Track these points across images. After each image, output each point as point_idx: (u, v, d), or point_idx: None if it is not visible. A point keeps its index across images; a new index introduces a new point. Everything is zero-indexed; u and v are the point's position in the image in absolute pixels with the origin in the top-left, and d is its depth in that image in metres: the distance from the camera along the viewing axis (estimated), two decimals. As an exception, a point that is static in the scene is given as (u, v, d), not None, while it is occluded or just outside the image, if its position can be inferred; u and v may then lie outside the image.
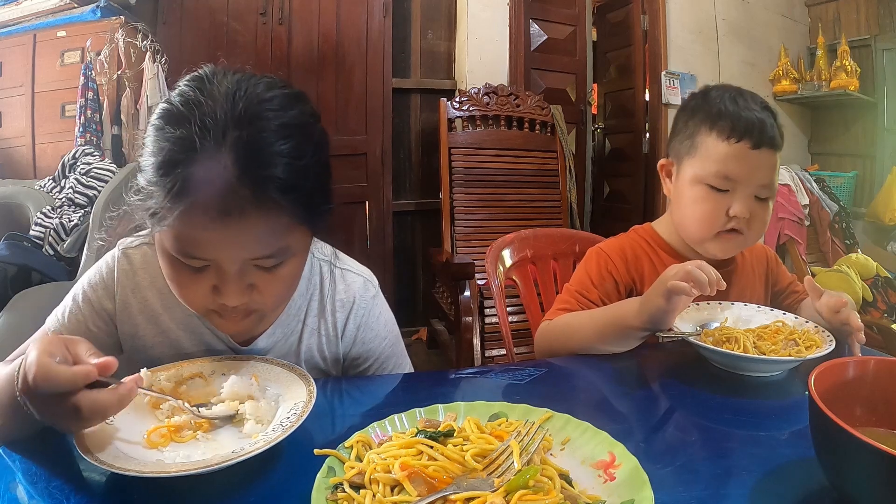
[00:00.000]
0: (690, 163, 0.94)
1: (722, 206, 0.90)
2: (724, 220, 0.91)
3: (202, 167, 0.55)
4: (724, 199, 0.90)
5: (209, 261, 0.60)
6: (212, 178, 0.55)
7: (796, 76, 3.23)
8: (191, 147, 0.55)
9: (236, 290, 0.61)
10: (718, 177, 0.89)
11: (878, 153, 3.08)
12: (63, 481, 0.52)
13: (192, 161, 0.55)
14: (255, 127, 0.57)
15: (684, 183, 0.95)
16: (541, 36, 3.01)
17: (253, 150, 0.56)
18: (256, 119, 0.57)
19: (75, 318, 0.73)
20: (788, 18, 3.36)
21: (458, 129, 2.61)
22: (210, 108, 0.57)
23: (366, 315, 0.81)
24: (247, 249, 0.60)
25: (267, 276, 0.63)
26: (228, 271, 0.60)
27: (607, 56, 3.57)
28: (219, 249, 0.59)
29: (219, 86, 0.59)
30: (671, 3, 3.06)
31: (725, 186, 0.90)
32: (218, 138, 0.55)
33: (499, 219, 2.57)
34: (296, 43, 2.55)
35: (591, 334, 0.85)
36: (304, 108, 0.64)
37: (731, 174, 0.89)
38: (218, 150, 0.55)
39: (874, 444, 0.41)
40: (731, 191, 0.90)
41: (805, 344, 0.78)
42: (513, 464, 0.47)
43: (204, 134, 0.55)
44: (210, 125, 0.56)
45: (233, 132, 0.56)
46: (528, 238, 1.29)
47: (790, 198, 2.83)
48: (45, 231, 1.87)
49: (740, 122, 0.88)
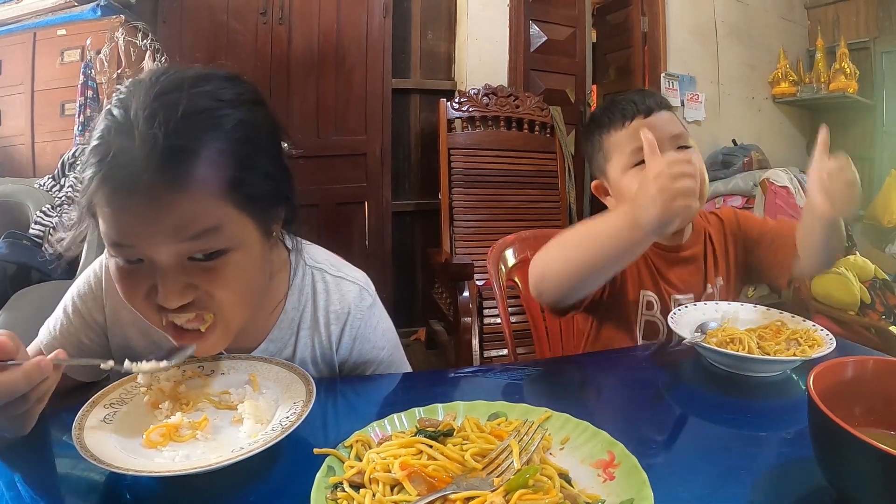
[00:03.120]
0: (611, 165, 1.02)
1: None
2: None
3: (119, 145, 0.54)
4: None
5: (138, 251, 0.56)
6: (126, 153, 0.53)
7: (795, 78, 3.24)
8: (111, 128, 0.55)
9: (173, 288, 0.56)
10: (635, 152, 0.96)
11: (877, 155, 3.09)
12: (63, 481, 0.52)
13: (112, 142, 0.54)
14: (171, 100, 0.55)
15: (617, 182, 1.01)
16: (540, 37, 3.01)
17: (166, 123, 0.54)
18: (175, 93, 0.56)
19: (66, 332, 0.72)
20: (788, 21, 3.37)
21: (458, 130, 2.61)
22: (133, 93, 0.56)
23: (362, 327, 0.78)
24: (169, 231, 0.55)
25: (206, 273, 0.58)
26: (161, 264, 0.56)
27: (607, 57, 3.58)
28: (142, 235, 0.55)
29: (151, 76, 0.58)
30: (671, 5, 3.07)
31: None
32: (134, 116, 0.54)
33: (498, 219, 2.57)
34: (296, 43, 2.55)
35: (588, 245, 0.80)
36: (241, 90, 0.61)
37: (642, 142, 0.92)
38: (132, 127, 0.54)
39: (873, 444, 0.41)
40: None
41: (807, 343, 0.78)
42: (512, 463, 0.47)
43: (125, 115, 0.55)
44: (130, 106, 0.55)
45: (147, 109, 0.54)
46: (528, 239, 1.29)
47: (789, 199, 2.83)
48: (44, 229, 1.86)
49: (627, 110, 0.99)
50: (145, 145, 0.53)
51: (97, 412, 0.57)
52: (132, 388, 0.63)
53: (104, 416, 0.57)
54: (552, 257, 0.84)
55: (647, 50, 3.17)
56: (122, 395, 0.62)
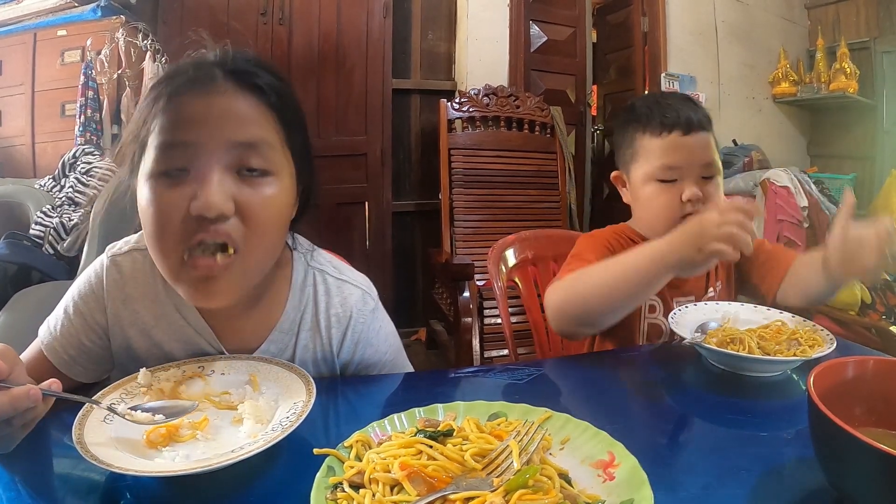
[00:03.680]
0: (636, 166, 1.01)
1: (675, 195, 0.96)
2: (679, 206, 0.95)
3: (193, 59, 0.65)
4: (674, 188, 0.96)
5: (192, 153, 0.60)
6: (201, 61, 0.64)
7: (796, 78, 3.23)
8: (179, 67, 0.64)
9: (217, 190, 0.58)
10: (663, 169, 0.96)
11: (878, 155, 3.09)
12: (63, 481, 0.53)
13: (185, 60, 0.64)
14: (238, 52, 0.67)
15: (637, 186, 1.02)
16: (541, 37, 3.01)
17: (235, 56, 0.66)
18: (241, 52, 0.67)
19: (67, 332, 0.72)
20: (788, 20, 3.36)
21: (458, 130, 2.61)
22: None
23: (364, 331, 0.77)
24: (229, 125, 0.61)
25: (247, 188, 0.61)
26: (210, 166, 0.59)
27: (607, 57, 3.58)
28: (204, 126, 0.60)
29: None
30: (671, 5, 3.07)
31: (672, 176, 0.96)
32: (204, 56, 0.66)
33: (498, 220, 2.57)
34: (296, 43, 2.55)
35: (609, 280, 0.82)
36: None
37: (673, 163, 0.96)
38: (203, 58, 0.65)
39: (873, 444, 0.41)
40: (679, 179, 0.96)
41: (807, 343, 0.78)
42: (512, 463, 0.47)
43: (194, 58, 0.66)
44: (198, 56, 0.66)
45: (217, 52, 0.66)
46: (528, 239, 1.29)
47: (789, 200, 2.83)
48: (44, 230, 1.87)
49: (667, 116, 0.97)
50: (219, 57, 0.65)
51: (98, 412, 0.57)
52: (132, 389, 0.63)
53: (104, 417, 0.57)
54: (569, 292, 0.86)
55: (648, 50, 3.17)
56: (123, 395, 0.62)
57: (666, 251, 0.77)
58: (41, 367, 0.71)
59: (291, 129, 0.67)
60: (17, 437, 0.53)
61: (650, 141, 0.98)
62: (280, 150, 0.65)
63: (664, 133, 0.97)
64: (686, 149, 0.96)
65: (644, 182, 0.99)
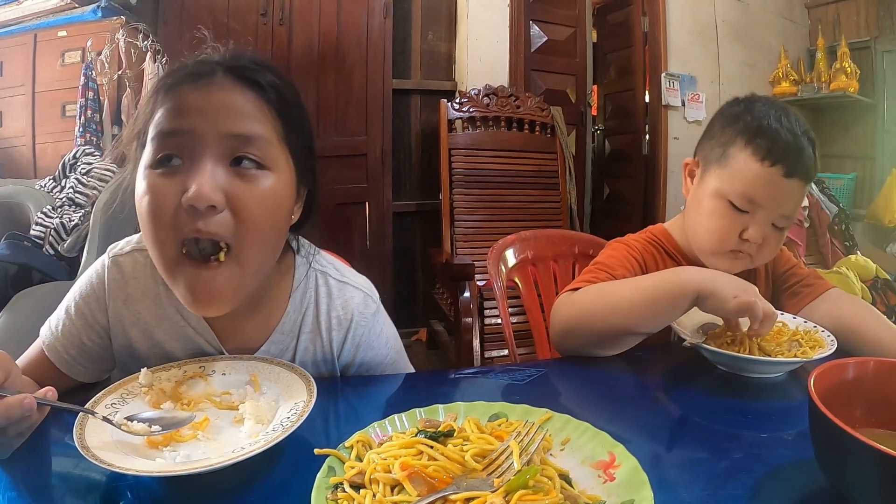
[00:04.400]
0: (718, 173, 0.90)
1: (737, 227, 0.88)
2: (736, 240, 0.88)
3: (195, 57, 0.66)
4: (741, 219, 0.88)
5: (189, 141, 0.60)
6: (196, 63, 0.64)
7: (796, 78, 3.23)
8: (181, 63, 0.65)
9: (209, 181, 0.58)
10: (743, 197, 0.86)
11: (878, 155, 3.09)
12: (63, 481, 0.53)
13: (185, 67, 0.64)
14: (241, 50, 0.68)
15: (706, 192, 0.92)
16: (541, 37, 3.01)
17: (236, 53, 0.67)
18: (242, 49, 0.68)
19: (68, 332, 0.72)
20: (788, 20, 3.36)
21: (458, 130, 2.61)
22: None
23: (366, 334, 0.77)
24: (226, 116, 0.61)
25: (241, 182, 0.61)
26: (204, 158, 0.59)
27: (607, 57, 3.58)
28: (195, 116, 0.60)
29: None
30: (671, 5, 3.07)
31: (747, 208, 0.87)
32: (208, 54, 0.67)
33: (498, 220, 2.57)
34: (296, 43, 2.56)
35: (635, 300, 0.79)
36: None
37: (756, 197, 0.86)
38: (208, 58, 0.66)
39: (874, 445, 0.41)
40: (751, 213, 0.87)
41: (808, 344, 0.78)
42: (512, 464, 0.47)
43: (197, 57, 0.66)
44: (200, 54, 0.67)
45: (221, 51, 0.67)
46: (528, 239, 1.29)
47: (790, 199, 2.82)
48: (45, 231, 1.87)
49: (778, 145, 0.84)
50: (219, 54, 0.66)
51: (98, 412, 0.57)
52: (133, 389, 0.63)
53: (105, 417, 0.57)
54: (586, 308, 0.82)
55: (648, 50, 3.17)
56: (124, 395, 0.62)
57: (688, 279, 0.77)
58: (42, 367, 0.71)
59: (291, 127, 0.67)
60: (11, 446, 0.53)
61: (747, 160, 0.86)
62: (277, 146, 0.65)
63: (766, 162, 0.84)
64: (777, 190, 0.85)
65: (715, 195, 0.89)
